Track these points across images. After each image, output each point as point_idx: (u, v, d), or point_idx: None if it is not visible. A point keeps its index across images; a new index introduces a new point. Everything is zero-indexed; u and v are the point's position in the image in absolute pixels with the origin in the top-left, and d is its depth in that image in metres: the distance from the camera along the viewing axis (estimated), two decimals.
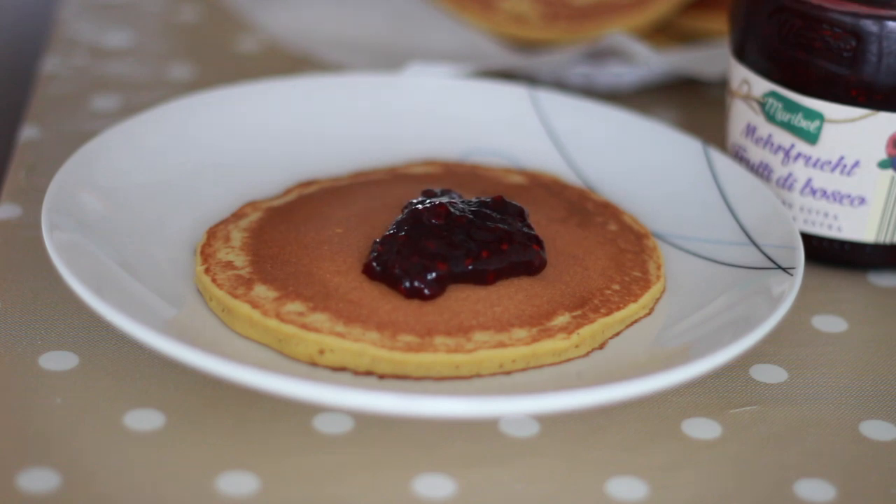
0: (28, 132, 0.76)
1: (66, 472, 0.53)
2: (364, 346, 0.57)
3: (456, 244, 0.61)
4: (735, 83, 0.70)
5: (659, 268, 0.65)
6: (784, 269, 0.62)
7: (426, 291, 0.60)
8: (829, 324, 0.65)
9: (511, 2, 0.88)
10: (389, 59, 0.84)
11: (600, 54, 0.83)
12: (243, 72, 0.83)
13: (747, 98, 0.69)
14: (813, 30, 0.65)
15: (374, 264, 0.61)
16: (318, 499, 0.53)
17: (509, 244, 0.61)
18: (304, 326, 0.58)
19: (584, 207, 0.68)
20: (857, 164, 0.66)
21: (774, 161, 0.68)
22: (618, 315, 0.61)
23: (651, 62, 0.82)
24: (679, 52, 0.84)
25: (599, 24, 0.86)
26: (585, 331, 0.60)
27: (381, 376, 0.57)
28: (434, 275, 0.60)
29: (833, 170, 0.66)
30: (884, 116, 0.65)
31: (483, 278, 0.61)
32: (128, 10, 0.90)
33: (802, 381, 0.61)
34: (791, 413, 0.59)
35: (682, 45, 0.87)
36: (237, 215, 0.65)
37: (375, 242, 0.61)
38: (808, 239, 0.68)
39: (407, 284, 0.60)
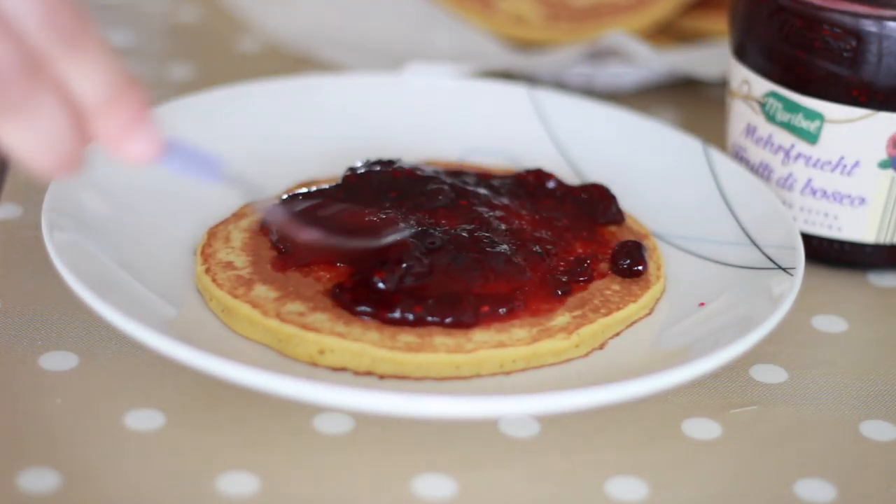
0: None
1: (67, 472, 0.53)
2: (364, 347, 0.57)
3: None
4: (735, 83, 0.70)
5: (659, 268, 0.65)
6: (784, 270, 0.62)
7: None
8: (830, 324, 0.65)
9: (511, 2, 0.88)
10: (389, 59, 0.84)
11: (600, 54, 0.83)
12: (243, 72, 0.83)
13: (747, 98, 0.69)
14: (813, 30, 0.65)
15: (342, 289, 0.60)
16: (319, 499, 0.53)
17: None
18: (305, 326, 0.58)
19: None
20: (857, 164, 0.66)
21: (774, 161, 0.68)
22: (618, 315, 0.61)
23: (651, 62, 0.82)
24: (679, 52, 0.84)
25: (599, 25, 0.86)
26: (585, 331, 0.60)
27: (382, 376, 0.57)
28: (411, 316, 0.59)
29: (833, 170, 0.66)
30: (884, 116, 0.65)
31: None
32: (127, 10, 0.90)
33: (802, 381, 0.61)
34: (791, 413, 0.59)
35: (682, 45, 0.87)
36: (237, 215, 0.65)
37: (376, 275, 0.60)
38: (808, 239, 0.68)
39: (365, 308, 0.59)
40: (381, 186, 0.65)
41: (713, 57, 0.83)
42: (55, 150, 0.47)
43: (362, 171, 0.66)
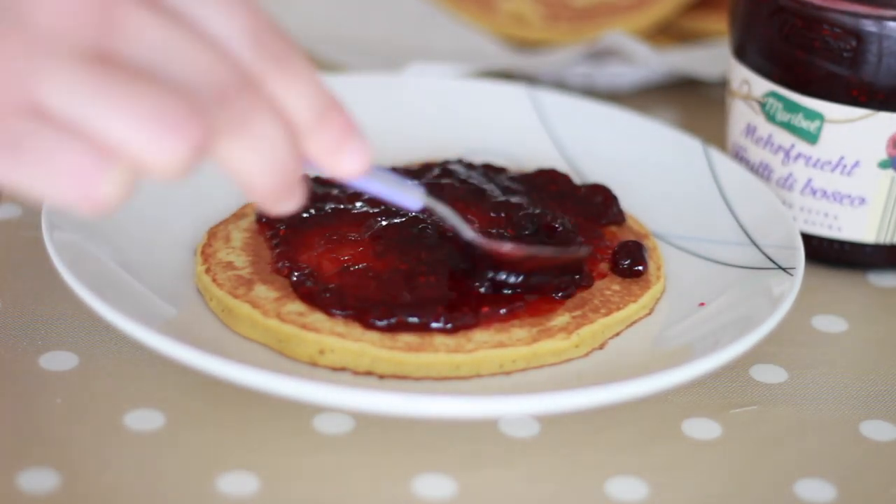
0: None
1: (66, 472, 0.53)
2: (364, 346, 0.57)
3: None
4: (735, 83, 0.70)
5: (659, 268, 0.65)
6: (784, 270, 0.62)
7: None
8: (830, 324, 0.65)
9: (511, 2, 0.88)
10: (390, 59, 0.84)
11: (600, 54, 0.83)
12: None
13: (747, 98, 0.69)
14: (813, 30, 0.65)
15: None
16: (318, 499, 0.53)
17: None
18: (305, 327, 0.58)
19: None
20: (857, 164, 0.66)
21: (774, 161, 0.68)
22: (618, 315, 0.61)
23: (651, 62, 0.82)
24: (679, 52, 0.84)
25: (600, 25, 0.86)
26: (585, 331, 0.60)
27: (382, 376, 0.57)
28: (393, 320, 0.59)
29: (833, 170, 0.66)
30: (884, 116, 0.65)
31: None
32: None
33: (802, 381, 0.61)
34: (791, 413, 0.59)
35: (682, 46, 0.87)
36: (238, 215, 0.65)
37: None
38: (808, 239, 0.68)
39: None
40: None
41: (713, 57, 0.83)
42: (278, 169, 0.46)
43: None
